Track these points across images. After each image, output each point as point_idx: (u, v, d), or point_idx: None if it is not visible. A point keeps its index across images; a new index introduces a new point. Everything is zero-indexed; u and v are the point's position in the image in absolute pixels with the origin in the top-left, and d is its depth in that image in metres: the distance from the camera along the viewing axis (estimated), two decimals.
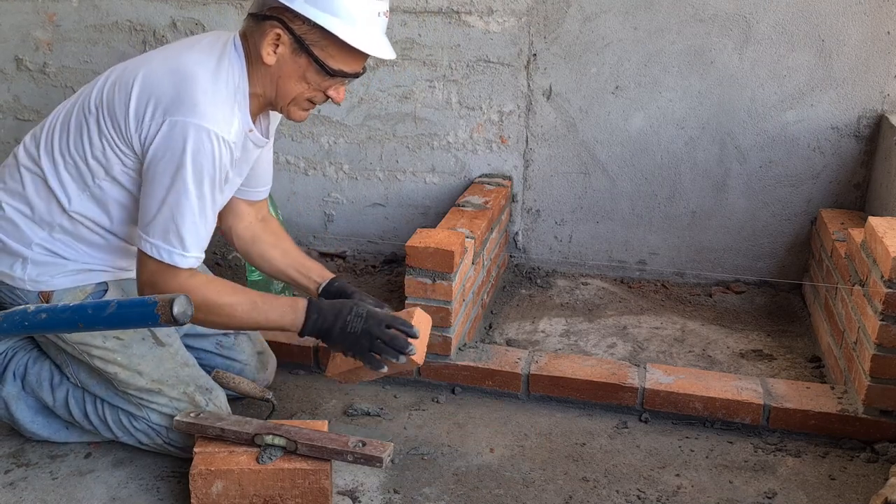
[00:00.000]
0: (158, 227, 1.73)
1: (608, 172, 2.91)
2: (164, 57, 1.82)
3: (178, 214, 1.73)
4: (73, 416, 2.00)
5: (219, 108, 1.74)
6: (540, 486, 1.93)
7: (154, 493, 1.89)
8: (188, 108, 1.71)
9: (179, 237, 1.74)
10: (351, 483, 1.92)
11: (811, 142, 2.75)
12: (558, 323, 2.70)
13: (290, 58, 1.78)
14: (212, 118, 1.72)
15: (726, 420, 2.15)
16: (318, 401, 2.27)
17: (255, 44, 1.79)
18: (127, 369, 1.90)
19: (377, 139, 3.04)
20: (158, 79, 1.76)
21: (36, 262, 1.87)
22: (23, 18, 3.17)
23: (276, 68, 1.80)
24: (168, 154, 1.71)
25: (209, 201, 1.76)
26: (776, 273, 2.91)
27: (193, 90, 1.72)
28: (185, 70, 1.75)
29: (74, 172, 1.83)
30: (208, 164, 1.72)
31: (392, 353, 1.80)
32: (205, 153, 1.71)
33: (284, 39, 1.76)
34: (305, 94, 1.84)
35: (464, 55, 2.88)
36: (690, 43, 2.73)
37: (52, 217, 1.86)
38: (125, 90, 1.78)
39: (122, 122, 1.76)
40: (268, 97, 1.86)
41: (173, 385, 1.93)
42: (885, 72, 2.63)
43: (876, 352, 2.00)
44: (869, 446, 2.07)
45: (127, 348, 1.90)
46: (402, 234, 3.10)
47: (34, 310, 1.50)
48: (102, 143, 1.79)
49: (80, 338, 1.88)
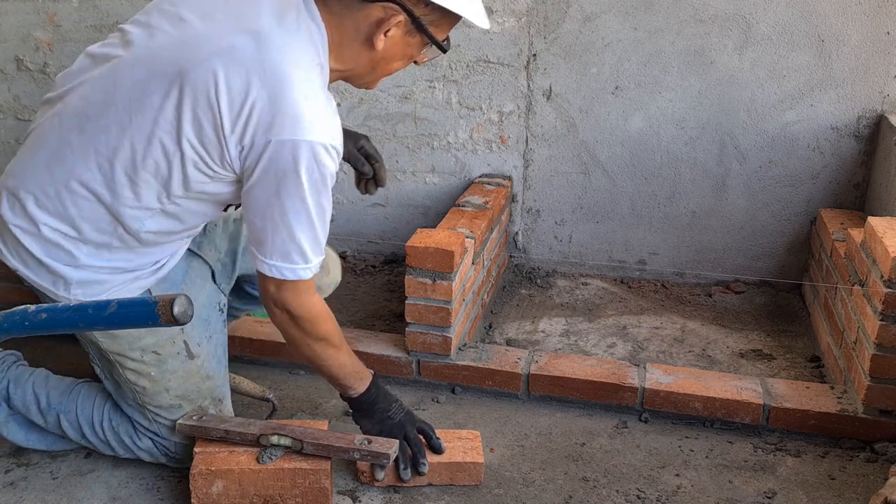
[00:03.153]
0: (277, 249, 1.65)
1: (608, 172, 2.92)
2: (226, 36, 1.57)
3: (298, 232, 1.64)
4: (69, 436, 1.96)
5: (320, 112, 1.59)
6: (540, 486, 1.93)
7: (154, 493, 1.89)
8: (292, 125, 1.55)
9: (301, 253, 1.67)
10: (351, 483, 1.92)
11: (811, 142, 2.75)
12: (558, 323, 2.70)
13: (402, 39, 1.65)
14: (318, 129, 1.58)
15: (726, 420, 2.15)
16: (318, 401, 2.27)
17: (357, 24, 1.62)
18: (157, 384, 1.86)
19: (377, 139, 3.04)
20: (243, 83, 1.55)
21: (80, 282, 1.74)
22: (23, 18, 3.17)
23: (381, 51, 1.66)
24: (279, 176, 1.58)
25: (327, 210, 1.67)
26: (776, 273, 2.91)
27: (293, 99, 1.55)
28: (273, 65, 1.55)
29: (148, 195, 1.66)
30: (321, 178, 1.61)
31: (405, 459, 1.87)
32: (317, 168, 1.59)
33: (402, 23, 1.61)
34: (401, 68, 1.75)
35: (464, 55, 2.88)
36: (690, 43, 2.73)
37: (103, 236, 1.71)
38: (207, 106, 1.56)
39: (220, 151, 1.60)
40: (355, 73, 1.73)
41: (193, 400, 1.91)
42: (884, 72, 2.63)
43: (875, 352, 2.00)
44: (869, 446, 2.07)
45: (162, 364, 1.84)
46: (402, 234, 3.10)
47: (34, 310, 1.50)
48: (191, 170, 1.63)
49: (119, 348, 1.81)
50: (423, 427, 1.95)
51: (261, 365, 2.39)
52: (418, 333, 2.30)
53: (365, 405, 1.91)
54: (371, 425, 1.91)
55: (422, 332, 2.29)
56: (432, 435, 1.93)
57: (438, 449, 1.92)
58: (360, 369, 1.91)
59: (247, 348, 2.41)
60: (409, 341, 2.32)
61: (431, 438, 1.93)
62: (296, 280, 1.69)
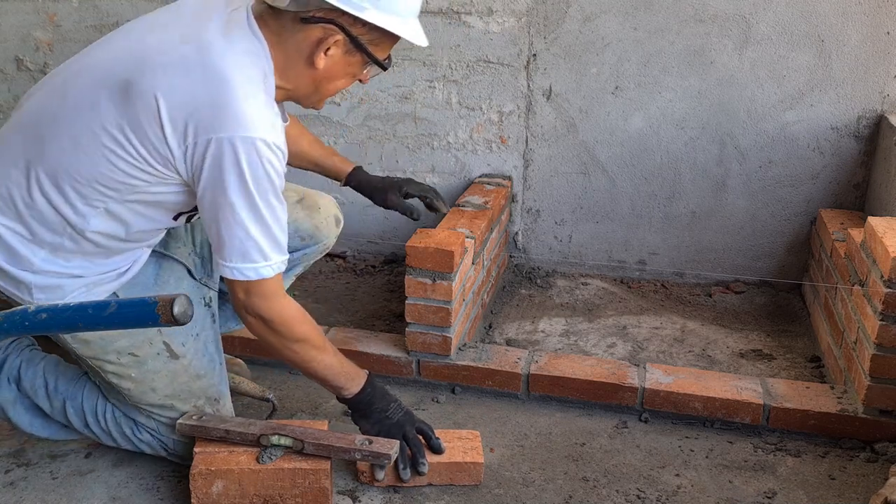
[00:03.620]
0: (236, 250, 1.67)
1: (608, 172, 2.92)
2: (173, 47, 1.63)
3: (251, 230, 1.66)
4: (72, 423, 1.97)
5: (261, 111, 1.63)
6: (540, 486, 1.93)
7: (154, 493, 1.89)
8: (233, 121, 1.59)
9: (260, 251, 1.68)
10: (351, 483, 1.92)
11: (811, 142, 2.75)
12: (558, 323, 2.70)
13: (343, 58, 1.70)
14: (259, 126, 1.61)
15: (726, 420, 2.15)
16: (318, 401, 2.27)
17: (298, 45, 1.67)
18: (141, 385, 1.87)
19: (377, 139, 3.04)
20: (186, 87, 1.60)
21: (41, 287, 1.77)
22: (23, 18, 3.17)
23: (323, 70, 1.70)
24: (224, 173, 1.61)
25: (277, 208, 1.69)
26: (776, 273, 2.91)
27: (232, 96, 1.59)
28: (215, 70, 1.60)
29: (91, 193, 1.69)
30: (265, 174, 1.63)
31: (404, 459, 1.88)
32: (260, 164, 1.62)
33: (340, 42, 1.66)
34: (344, 87, 1.80)
35: (464, 55, 2.88)
36: (690, 43, 2.73)
37: (55, 237, 1.74)
38: (150, 110, 1.60)
39: (160, 149, 1.62)
40: (300, 92, 1.77)
41: (185, 399, 1.91)
42: (884, 72, 2.63)
43: (875, 352, 2.00)
44: (869, 446, 2.07)
45: (142, 364, 1.85)
46: (402, 234, 3.10)
47: (34, 310, 1.50)
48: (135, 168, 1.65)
49: (94, 353, 1.83)
50: (423, 427, 1.95)
51: (261, 365, 2.39)
52: (418, 333, 2.30)
53: (362, 406, 1.91)
54: (369, 426, 1.91)
55: (422, 332, 2.29)
56: (431, 435, 1.94)
57: (438, 449, 1.92)
58: (350, 370, 1.91)
59: (247, 348, 2.41)
60: (409, 341, 2.32)
61: (431, 439, 1.93)
62: (260, 281, 1.70)
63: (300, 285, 2.94)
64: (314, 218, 2.18)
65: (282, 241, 1.72)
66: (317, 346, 1.83)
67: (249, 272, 1.69)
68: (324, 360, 1.85)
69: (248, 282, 1.70)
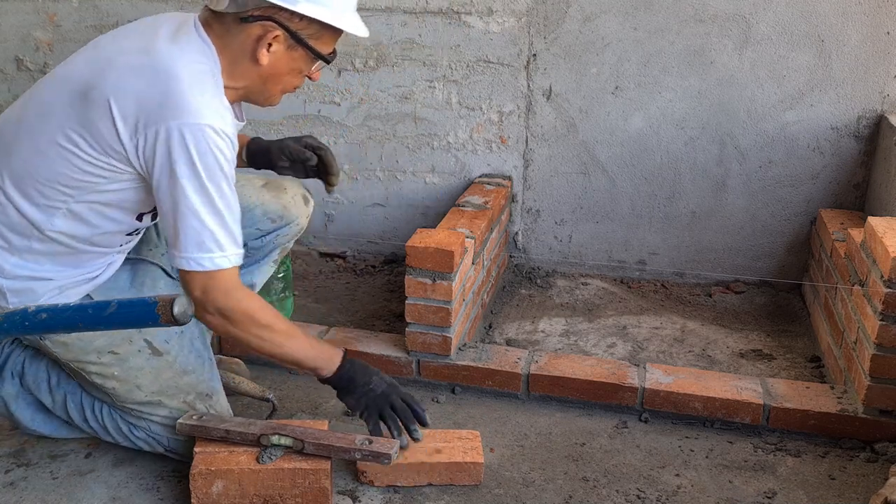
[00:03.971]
0: (191, 240, 1.69)
1: (608, 172, 2.92)
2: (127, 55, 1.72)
3: (205, 219, 1.68)
4: (72, 418, 1.98)
5: (209, 101, 1.69)
6: (540, 486, 1.93)
7: (154, 493, 1.89)
8: (180, 110, 1.65)
9: (215, 240, 1.70)
10: (351, 483, 1.92)
11: (811, 142, 2.75)
12: (558, 323, 2.70)
13: (285, 54, 1.76)
14: (206, 114, 1.67)
15: (726, 420, 2.15)
16: (318, 401, 2.27)
17: (241, 43, 1.74)
18: (125, 383, 1.88)
19: (377, 139, 3.04)
20: (136, 86, 1.67)
21: (14, 290, 1.80)
22: (23, 19, 3.17)
23: (268, 67, 1.77)
24: (174, 162, 1.65)
25: (229, 197, 1.72)
26: (776, 273, 2.91)
27: (179, 88, 1.66)
28: (163, 68, 1.67)
29: (53, 194, 1.74)
30: (215, 161, 1.68)
31: (396, 426, 1.90)
32: (210, 151, 1.66)
33: (280, 38, 1.73)
34: (293, 83, 1.86)
35: (464, 55, 2.88)
36: (690, 43, 2.73)
37: (24, 241, 1.78)
38: (104, 110, 1.66)
39: (114, 145, 1.67)
40: (250, 91, 1.83)
41: (173, 395, 1.91)
42: (884, 72, 2.63)
43: (875, 352, 2.00)
44: (869, 446, 2.07)
45: (123, 362, 1.86)
46: (402, 234, 3.10)
47: (34, 310, 1.50)
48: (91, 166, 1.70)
49: (74, 355, 1.85)
50: (408, 398, 1.95)
51: (261, 365, 2.39)
52: (418, 333, 2.30)
53: (343, 382, 1.92)
54: (354, 401, 1.92)
55: (422, 332, 2.29)
56: (416, 407, 1.94)
57: (423, 421, 1.93)
58: (324, 350, 1.92)
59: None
60: (409, 341, 2.32)
61: (416, 410, 1.94)
62: (217, 273, 1.71)
63: (300, 285, 2.94)
64: (281, 198, 2.16)
65: (236, 232, 1.74)
66: (283, 332, 1.84)
67: (206, 262, 1.70)
68: (294, 344, 1.86)
69: (205, 276, 1.72)
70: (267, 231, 2.14)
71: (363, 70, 2.96)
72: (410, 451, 1.91)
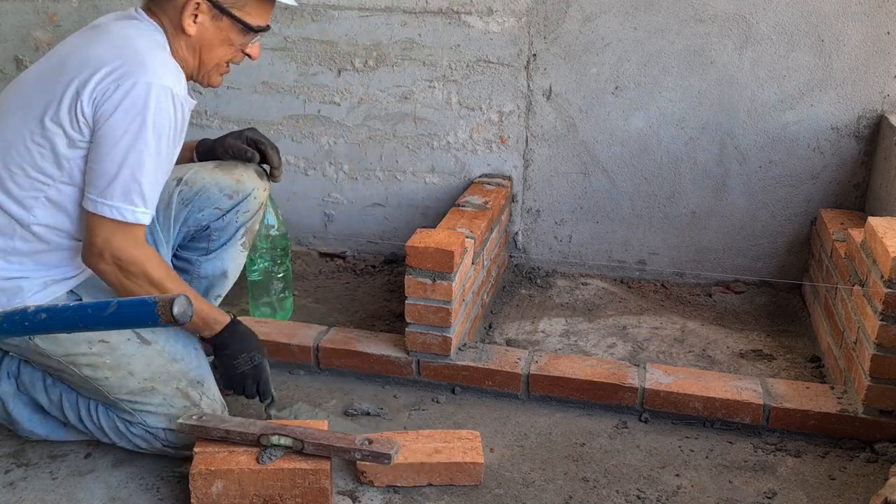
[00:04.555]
0: (119, 189, 1.75)
1: (608, 172, 2.92)
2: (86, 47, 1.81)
3: (139, 173, 1.74)
4: (68, 418, 1.99)
5: (168, 68, 1.79)
6: (540, 486, 1.93)
7: (154, 493, 1.89)
8: (140, 69, 1.73)
9: (142, 195, 1.76)
10: (351, 483, 1.92)
11: (811, 142, 2.75)
12: (558, 323, 2.70)
13: (212, 24, 1.86)
14: (166, 77, 1.76)
15: (726, 420, 2.15)
16: (317, 401, 2.27)
17: (171, 17, 1.85)
18: (117, 371, 1.89)
19: (377, 139, 3.04)
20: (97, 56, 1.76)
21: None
22: (23, 19, 3.17)
23: (197, 38, 1.86)
24: (128, 115, 1.72)
25: (167, 159, 1.80)
26: (776, 273, 2.91)
27: (139, 53, 1.76)
28: (122, 41, 1.79)
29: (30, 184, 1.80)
30: (168, 122, 1.76)
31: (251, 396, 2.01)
32: (166, 111, 1.75)
33: (203, 7, 1.83)
34: (227, 56, 1.92)
35: (464, 55, 2.88)
36: (690, 43, 2.73)
37: (7, 241, 1.83)
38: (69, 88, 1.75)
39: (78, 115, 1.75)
40: (189, 67, 1.90)
41: (166, 381, 1.93)
42: (885, 72, 2.63)
43: (876, 352, 2.00)
44: (869, 446, 2.07)
45: (114, 350, 1.88)
46: (402, 234, 3.10)
47: (34, 310, 1.50)
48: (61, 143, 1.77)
49: (65, 349, 1.85)
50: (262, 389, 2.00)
51: None
52: (418, 333, 2.30)
53: (216, 348, 1.98)
54: (219, 369, 1.99)
55: (422, 333, 2.29)
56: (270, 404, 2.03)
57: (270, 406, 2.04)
58: (208, 316, 1.94)
59: None
60: (409, 341, 2.32)
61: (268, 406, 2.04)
62: (132, 225, 1.77)
63: (300, 285, 2.94)
64: (234, 173, 2.13)
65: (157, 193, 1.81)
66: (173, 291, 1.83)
67: (127, 213, 1.76)
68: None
69: (118, 226, 1.76)
70: (226, 209, 2.12)
71: (363, 70, 2.96)
72: (410, 452, 1.91)
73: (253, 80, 3.04)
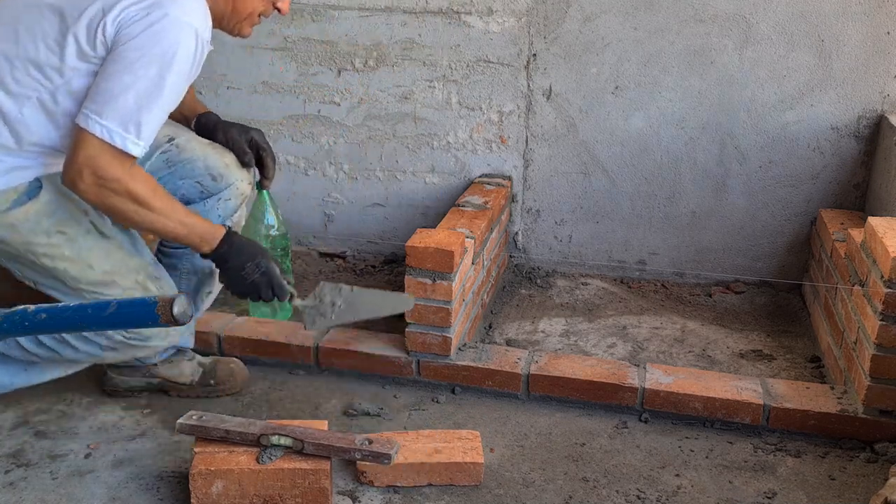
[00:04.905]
0: (118, 112, 1.72)
1: (608, 172, 2.92)
2: None
3: (145, 105, 1.73)
4: (26, 348, 1.97)
5: (198, 7, 1.79)
6: (540, 486, 1.93)
7: (154, 493, 1.89)
8: (177, 5, 1.73)
9: (138, 126, 1.74)
10: (351, 483, 1.92)
11: (811, 142, 2.75)
12: (558, 323, 2.70)
13: None
14: (195, 16, 1.76)
15: (726, 420, 2.15)
16: (317, 401, 2.27)
17: None
18: (76, 262, 1.89)
19: (377, 139, 3.04)
20: None
21: None
22: None
23: None
24: (149, 42, 1.71)
25: (172, 99, 1.79)
26: (776, 273, 2.91)
27: None
28: None
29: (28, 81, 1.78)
30: (187, 61, 1.76)
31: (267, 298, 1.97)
32: (189, 53, 1.75)
33: None
34: (260, 7, 1.92)
35: (464, 55, 2.88)
36: (690, 43, 2.73)
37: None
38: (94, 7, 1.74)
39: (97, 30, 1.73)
40: (220, 13, 1.90)
41: (125, 274, 1.94)
42: (885, 72, 2.63)
43: (876, 352, 2.00)
44: (869, 446, 2.07)
45: (73, 242, 1.89)
46: (402, 234, 3.10)
47: (34, 310, 1.51)
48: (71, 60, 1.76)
49: (23, 237, 1.85)
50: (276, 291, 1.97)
51: (260, 365, 2.39)
52: (418, 333, 2.30)
53: (218, 263, 1.96)
54: (227, 281, 1.97)
55: (422, 333, 2.29)
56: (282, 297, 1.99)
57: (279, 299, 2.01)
58: (203, 230, 1.91)
59: (247, 348, 2.41)
60: (409, 341, 2.32)
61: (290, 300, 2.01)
62: (120, 151, 1.74)
63: (300, 285, 2.94)
64: (224, 157, 2.13)
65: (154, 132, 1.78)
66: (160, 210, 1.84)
67: (117, 139, 1.73)
68: (170, 222, 1.86)
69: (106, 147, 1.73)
70: (209, 191, 2.11)
71: (363, 70, 2.96)
72: (410, 452, 1.91)
73: (253, 80, 3.04)
